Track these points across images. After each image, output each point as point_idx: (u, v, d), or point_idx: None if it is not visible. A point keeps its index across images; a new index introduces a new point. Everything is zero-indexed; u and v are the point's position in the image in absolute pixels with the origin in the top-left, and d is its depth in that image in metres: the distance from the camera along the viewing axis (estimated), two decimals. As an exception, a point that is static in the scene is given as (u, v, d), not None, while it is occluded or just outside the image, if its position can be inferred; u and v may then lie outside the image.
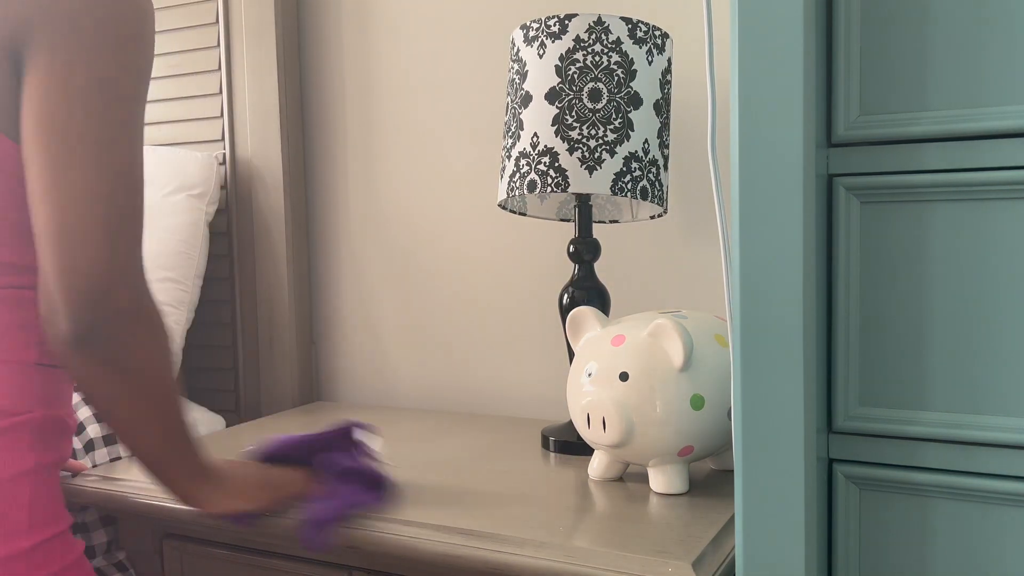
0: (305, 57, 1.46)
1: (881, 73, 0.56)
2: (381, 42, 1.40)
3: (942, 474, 0.57)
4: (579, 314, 0.92)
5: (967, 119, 0.54)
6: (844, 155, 0.58)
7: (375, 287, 1.44)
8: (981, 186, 0.54)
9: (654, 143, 1.01)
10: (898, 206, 0.57)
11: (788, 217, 0.55)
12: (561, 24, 0.98)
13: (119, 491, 0.96)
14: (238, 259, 1.44)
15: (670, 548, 0.73)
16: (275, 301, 1.41)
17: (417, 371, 1.41)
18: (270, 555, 0.92)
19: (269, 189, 1.40)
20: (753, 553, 0.58)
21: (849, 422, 0.59)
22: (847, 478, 0.60)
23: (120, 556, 1.03)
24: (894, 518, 0.59)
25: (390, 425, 1.24)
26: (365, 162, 1.43)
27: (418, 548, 0.78)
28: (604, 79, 0.98)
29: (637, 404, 0.83)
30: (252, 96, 1.40)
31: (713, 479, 0.93)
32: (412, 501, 0.87)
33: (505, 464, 1.01)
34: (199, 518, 0.90)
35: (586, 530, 0.78)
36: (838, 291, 0.58)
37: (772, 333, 0.56)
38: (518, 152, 1.01)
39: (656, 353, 0.84)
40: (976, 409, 0.56)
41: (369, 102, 1.41)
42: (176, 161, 1.39)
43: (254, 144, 1.41)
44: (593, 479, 0.94)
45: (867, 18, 0.56)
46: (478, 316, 1.35)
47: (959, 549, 0.57)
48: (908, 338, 0.57)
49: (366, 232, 1.44)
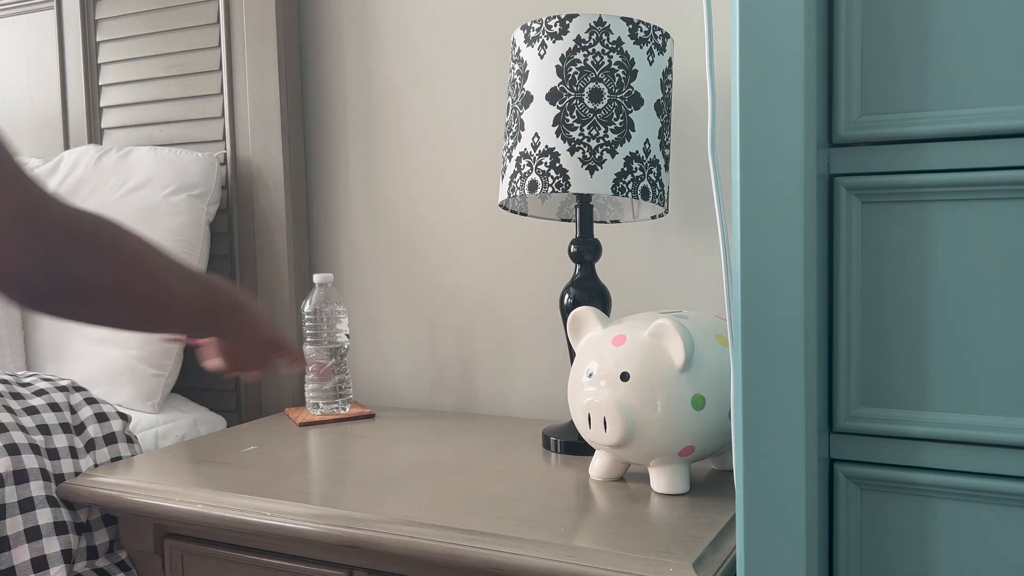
0: (306, 57, 1.46)
1: (882, 73, 0.56)
2: (382, 42, 1.40)
3: (942, 474, 0.57)
4: (580, 314, 0.92)
5: (967, 119, 0.54)
6: (845, 155, 0.58)
7: (376, 287, 1.44)
8: (981, 186, 0.54)
9: (655, 143, 1.01)
10: (899, 206, 0.57)
11: (789, 217, 0.55)
12: (562, 24, 0.98)
13: (120, 491, 0.96)
14: (239, 259, 1.44)
15: (671, 548, 0.73)
16: (276, 301, 1.41)
17: (417, 371, 1.41)
18: (270, 555, 0.92)
19: (270, 189, 1.41)
20: (754, 553, 0.58)
21: (850, 422, 0.59)
22: (848, 478, 0.60)
23: (122, 555, 1.03)
24: (894, 518, 0.59)
25: (390, 425, 1.24)
26: (366, 162, 1.43)
27: (419, 548, 0.79)
28: (605, 79, 0.98)
29: (638, 404, 0.83)
30: (253, 96, 1.40)
31: (714, 479, 0.93)
32: (413, 501, 0.87)
33: (505, 464, 1.01)
34: (198, 519, 0.90)
35: (587, 530, 0.78)
36: (839, 291, 0.58)
37: (773, 333, 0.56)
38: (519, 152, 1.01)
39: (657, 353, 0.84)
40: (976, 409, 0.56)
41: (370, 102, 1.42)
42: (177, 161, 1.39)
43: (255, 144, 1.41)
44: (594, 479, 0.94)
45: (868, 18, 0.56)
46: (479, 316, 1.35)
47: (959, 549, 0.57)
48: (908, 338, 0.57)
49: (367, 232, 1.44)
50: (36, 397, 1.05)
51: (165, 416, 1.31)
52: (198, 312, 0.77)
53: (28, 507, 0.94)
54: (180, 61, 1.48)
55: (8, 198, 0.61)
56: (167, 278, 0.73)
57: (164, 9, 1.48)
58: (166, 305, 0.73)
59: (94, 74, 1.57)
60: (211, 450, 1.11)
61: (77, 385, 1.12)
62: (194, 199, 1.37)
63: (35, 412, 1.03)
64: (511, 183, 1.02)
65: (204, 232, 1.39)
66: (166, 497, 0.94)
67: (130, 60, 1.53)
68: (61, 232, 0.64)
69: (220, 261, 1.45)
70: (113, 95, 1.55)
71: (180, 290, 0.74)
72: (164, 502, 0.93)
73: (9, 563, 0.92)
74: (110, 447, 1.07)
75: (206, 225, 1.39)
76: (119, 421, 1.10)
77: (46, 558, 0.93)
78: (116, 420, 1.10)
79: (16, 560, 0.92)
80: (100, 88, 1.57)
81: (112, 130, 1.56)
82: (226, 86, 1.42)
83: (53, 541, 0.94)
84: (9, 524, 0.92)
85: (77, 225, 0.66)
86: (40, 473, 0.96)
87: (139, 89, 1.53)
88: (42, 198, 0.64)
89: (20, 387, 1.07)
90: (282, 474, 0.99)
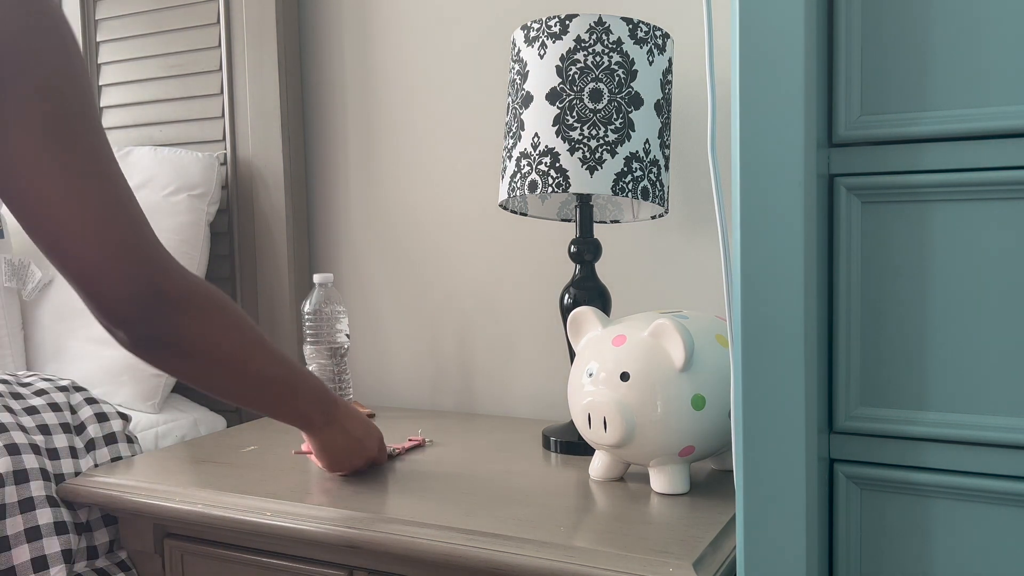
0: (306, 57, 1.46)
1: (882, 73, 0.56)
2: (382, 42, 1.40)
3: (942, 474, 0.57)
4: (580, 314, 0.92)
5: (967, 119, 0.54)
6: (845, 155, 0.58)
7: (376, 287, 1.44)
8: (981, 186, 0.54)
9: (655, 143, 1.01)
10: (899, 206, 0.57)
11: (789, 217, 0.55)
12: (562, 24, 0.98)
13: (120, 491, 0.96)
14: (239, 259, 1.44)
15: (671, 548, 0.73)
16: (276, 301, 1.41)
17: (417, 371, 1.41)
18: (270, 555, 0.92)
19: (270, 189, 1.41)
20: (754, 553, 0.58)
21: (850, 422, 0.59)
22: (848, 478, 0.60)
23: (122, 555, 1.03)
24: (894, 518, 0.59)
25: (390, 425, 1.24)
26: (366, 162, 1.43)
27: (420, 548, 0.79)
28: (605, 79, 0.98)
29: (638, 404, 0.83)
30: (253, 96, 1.40)
31: (714, 479, 0.93)
32: (413, 501, 0.87)
33: (506, 464, 1.01)
34: (198, 519, 0.90)
35: (587, 530, 0.78)
36: (839, 291, 0.58)
37: (773, 333, 0.56)
38: (519, 152, 1.01)
39: (657, 353, 0.84)
40: (976, 409, 0.56)
41: (370, 102, 1.42)
42: (177, 161, 1.39)
43: (255, 144, 1.41)
44: (594, 479, 0.94)
45: (868, 18, 0.56)
46: (479, 316, 1.35)
47: (959, 549, 0.57)
48: (909, 338, 0.57)
49: (367, 232, 1.44)
50: (36, 397, 1.05)
51: (165, 416, 1.31)
52: (287, 392, 0.85)
53: (28, 507, 0.94)
54: (180, 61, 1.48)
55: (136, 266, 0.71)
56: (262, 352, 0.81)
57: (164, 9, 1.48)
58: (256, 376, 0.81)
59: (94, 74, 1.57)
60: (211, 450, 1.11)
61: (77, 385, 1.12)
62: (194, 199, 1.37)
63: (35, 412, 1.03)
64: (511, 183, 1.02)
65: (204, 232, 1.39)
66: (166, 497, 0.94)
67: (130, 60, 1.53)
68: (172, 296, 0.73)
69: (220, 261, 1.45)
70: (113, 95, 1.56)
71: (271, 368, 0.83)
72: (164, 502, 0.93)
73: (9, 563, 0.92)
74: (110, 447, 1.07)
75: (206, 225, 1.39)
76: (119, 421, 1.10)
77: (46, 558, 0.94)
78: (116, 420, 1.10)
79: (16, 560, 0.92)
80: (100, 88, 1.57)
81: (112, 130, 1.56)
82: (226, 86, 1.42)
83: (53, 541, 0.94)
84: (9, 524, 0.92)
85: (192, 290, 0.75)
86: (40, 473, 0.96)
87: (139, 89, 1.53)
88: (164, 262, 0.74)
89: (20, 387, 1.07)
90: (282, 474, 0.99)
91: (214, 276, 1.44)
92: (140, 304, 0.71)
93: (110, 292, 0.70)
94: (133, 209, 0.72)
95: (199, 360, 0.76)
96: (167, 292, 0.72)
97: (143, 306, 0.71)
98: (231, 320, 0.78)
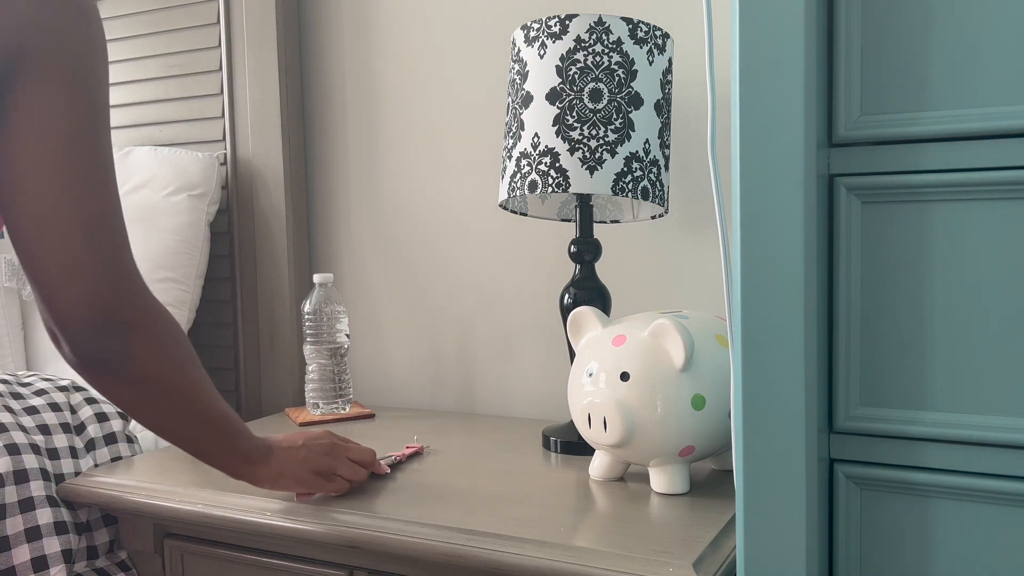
0: (306, 57, 1.46)
1: (882, 73, 0.56)
2: (382, 42, 1.40)
3: (942, 474, 0.57)
4: (580, 314, 0.92)
5: (967, 119, 0.54)
6: (845, 155, 0.58)
7: (376, 287, 1.44)
8: (981, 186, 0.54)
9: (655, 143, 1.01)
10: (899, 206, 0.57)
11: (788, 217, 0.55)
12: (562, 24, 0.98)
13: (120, 491, 0.96)
14: (239, 259, 1.44)
15: (671, 548, 0.73)
16: (276, 301, 1.41)
17: (417, 371, 1.41)
18: (270, 555, 0.92)
19: (270, 189, 1.41)
20: (754, 553, 0.59)
21: (850, 422, 0.59)
22: (848, 478, 0.60)
23: (122, 555, 1.03)
24: (894, 518, 0.59)
25: (390, 425, 1.24)
26: (366, 162, 1.43)
27: (419, 547, 0.79)
28: (605, 79, 0.98)
29: (638, 404, 0.83)
30: (253, 96, 1.40)
31: (714, 479, 0.93)
32: (413, 501, 0.87)
33: (505, 464, 1.01)
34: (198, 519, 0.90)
35: (587, 530, 0.78)
36: (839, 291, 0.58)
37: (772, 333, 0.56)
38: (519, 152, 1.01)
39: (657, 353, 0.84)
40: (976, 409, 0.56)
41: (370, 102, 1.42)
42: (177, 161, 1.39)
43: (255, 144, 1.41)
44: (594, 479, 0.94)
45: (868, 18, 0.56)
46: (479, 316, 1.35)
47: (959, 549, 0.57)
48: (909, 338, 0.57)
49: (367, 232, 1.44)
50: (36, 397, 1.05)
51: (165, 416, 1.31)
52: (230, 432, 0.81)
53: (28, 507, 0.94)
54: (180, 61, 1.48)
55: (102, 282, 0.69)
56: (209, 391, 0.79)
57: (164, 9, 1.48)
58: (202, 414, 0.78)
59: (94, 74, 1.57)
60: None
61: (77, 385, 1.12)
62: (194, 199, 1.37)
63: (35, 412, 1.03)
64: (511, 183, 1.02)
65: (204, 232, 1.39)
66: (166, 497, 0.94)
67: (130, 60, 1.53)
68: (131, 320, 0.71)
69: (220, 261, 1.45)
70: (113, 95, 1.55)
71: (217, 407, 0.79)
72: (164, 502, 0.93)
73: (9, 563, 0.92)
74: (110, 447, 1.07)
75: (206, 225, 1.39)
76: (119, 421, 1.10)
77: (46, 558, 0.94)
78: (116, 420, 1.10)
79: (16, 560, 0.92)
80: (100, 88, 1.57)
81: (112, 130, 1.56)
82: (226, 86, 1.42)
83: (53, 541, 0.95)
84: (9, 524, 0.92)
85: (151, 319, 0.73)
86: (40, 473, 0.96)
87: (139, 89, 1.53)
88: (133, 284, 0.72)
89: (20, 387, 1.07)
90: (282, 474, 0.99)
91: (214, 276, 1.44)
92: (94, 321, 0.69)
93: (68, 301, 0.68)
94: (117, 225, 0.71)
95: (145, 389, 0.73)
96: (125, 314, 0.70)
97: (97, 324, 0.69)
98: (184, 355, 0.76)
